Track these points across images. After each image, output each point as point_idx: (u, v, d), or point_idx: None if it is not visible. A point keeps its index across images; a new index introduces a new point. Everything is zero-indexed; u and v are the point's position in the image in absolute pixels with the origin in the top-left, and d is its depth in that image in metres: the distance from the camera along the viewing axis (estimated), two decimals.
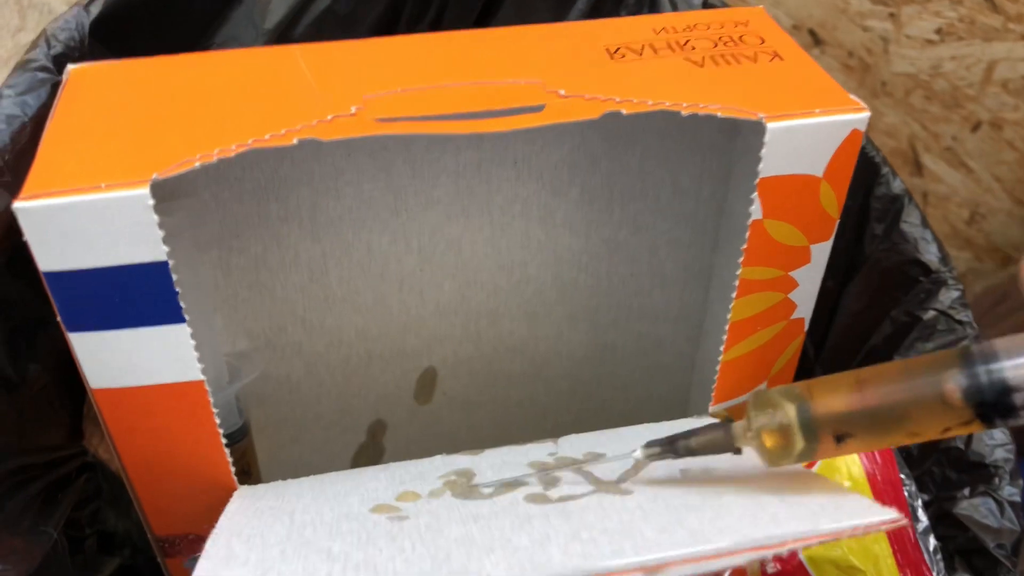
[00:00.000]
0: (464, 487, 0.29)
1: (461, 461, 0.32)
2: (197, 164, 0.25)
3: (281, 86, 0.29)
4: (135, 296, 0.26)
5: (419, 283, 0.38)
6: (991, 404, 0.23)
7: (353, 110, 0.28)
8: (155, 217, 0.25)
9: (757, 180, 0.28)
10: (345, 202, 0.35)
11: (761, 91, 0.29)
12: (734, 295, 0.31)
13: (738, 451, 0.26)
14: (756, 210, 0.29)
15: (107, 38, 0.34)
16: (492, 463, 0.31)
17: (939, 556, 0.39)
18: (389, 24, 0.42)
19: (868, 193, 0.45)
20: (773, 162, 0.28)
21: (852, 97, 0.28)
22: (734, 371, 0.33)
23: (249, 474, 0.40)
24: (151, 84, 0.29)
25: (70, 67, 0.30)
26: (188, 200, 0.33)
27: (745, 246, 0.30)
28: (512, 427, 0.44)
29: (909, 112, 0.69)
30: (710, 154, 0.36)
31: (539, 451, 0.32)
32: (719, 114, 0.28)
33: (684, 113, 0.28)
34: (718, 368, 0.33)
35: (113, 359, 0.27)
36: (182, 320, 0.27)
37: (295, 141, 0.26)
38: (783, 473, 0.27)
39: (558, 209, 0.37)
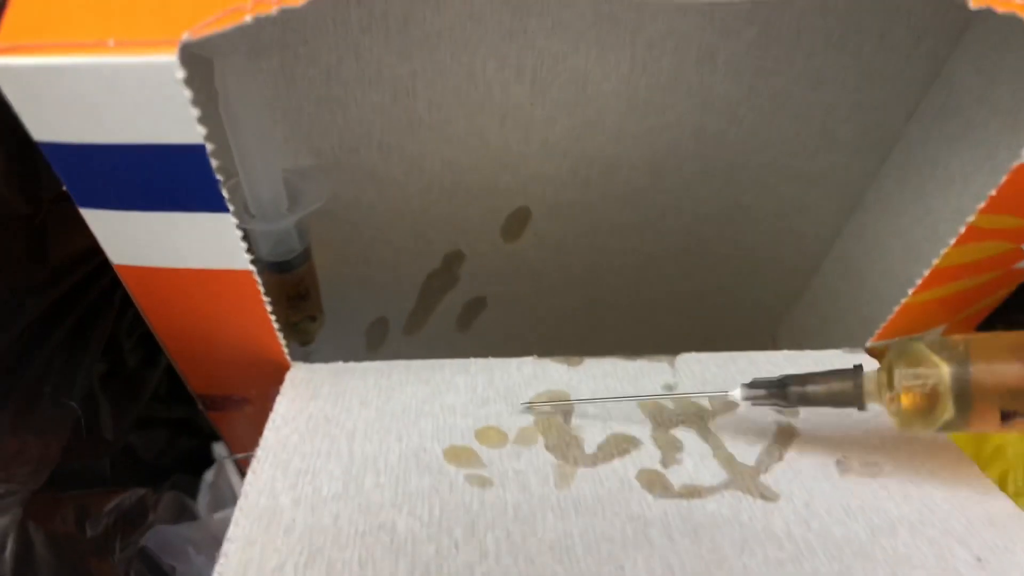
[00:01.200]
0: (560, 431, 0.23)
1: (555, 375, 0.26)
2: (248, 18, 0.17)
3: None
4: (164, 179, 0.20)
5: (526, 119, 0.30)
6: None
7: None
8: (186, 92, 0.17)
9: None
10: (446, 16, 0.26)
11: None
12: (952, 240, 0.23)
13: (864, 407, 0.21)
14: None
15: None
16: (595, 390, 0.26)
17: None
18: None
19: None
20: None
21: None
22: (915, 312, 0.26)
23: (307, 298, 0.35)
24: None
25: None
26: None
27: (995, 191, 0.21)
28: (609, 274, 0.38)
29: None
30: (942, 3, 0.26)
31: (652, 377, 0.26)
32: (971, 3, 0.18)
33: (972, 5, 0.18)
34: (895, 309, 0.26)
35: (138, 239, 0.21)
36: (224, 209, 0.20)
37: None
38: (973, 496, 0.21)
39: (722, 51, 0.28)
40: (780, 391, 0.21)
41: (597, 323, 0.42)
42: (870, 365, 0.26)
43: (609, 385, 0.26)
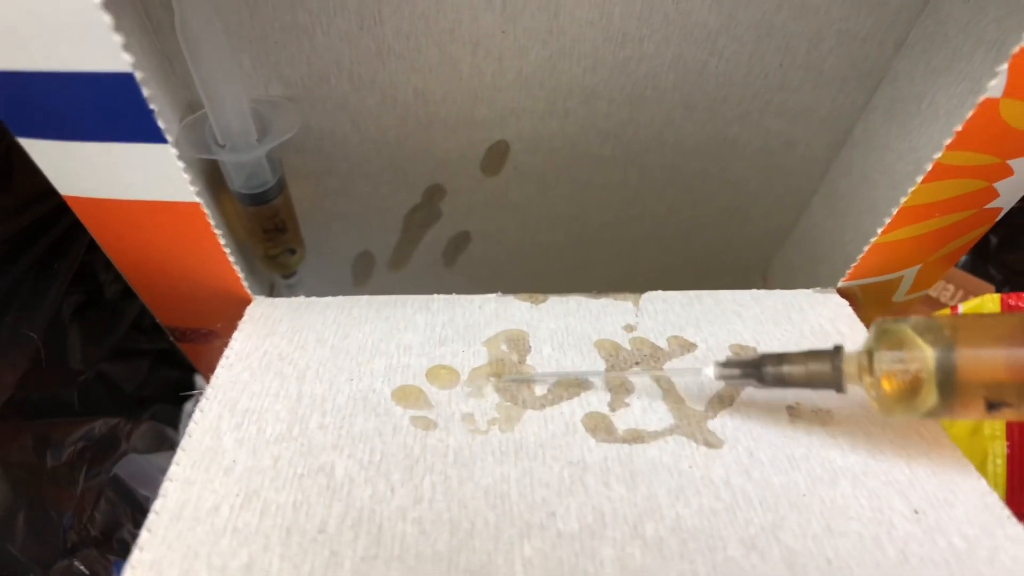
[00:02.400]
0: (512, 372, 0.23)
1: (517, 314, 0.26)
2: None
3: None
4: (96, 108, 0.19)
5: (498, 47, 0.29)
6: None
7: None
8: (107, 18, 0.17)
9: (1016, 48, 0.18)
10: None
11: None
12: (918, 178, 0.22)
13: (843, 389, 0.20)
14: (996, 86, 0.19)
15: None
16: (554, 329, 0.25)
17: None
18: None
19: None
20: None
21: None
22: (886, 251, 0.26)
23: (284, 230, 0.34)
24: None
25: None
26: None
27: (960, 127, 0.20)
28: (593, 209, 0.37)
29: None
30: None
31: (614, 317, 0.26)
32: None
33: None
34: (864, 248, 0.25)
35: (80, 169, 0.21)
36: (161, 140, 0.20)
37: None
38: (922, 447, 0.21)
39: None
40: (755, 371, 0.20)
41: (584, 259, 0.41)
42: (853, 331, 0.25)
43: (570, 324, 0.25)
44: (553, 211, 0.38)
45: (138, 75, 0.18)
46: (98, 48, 0.17)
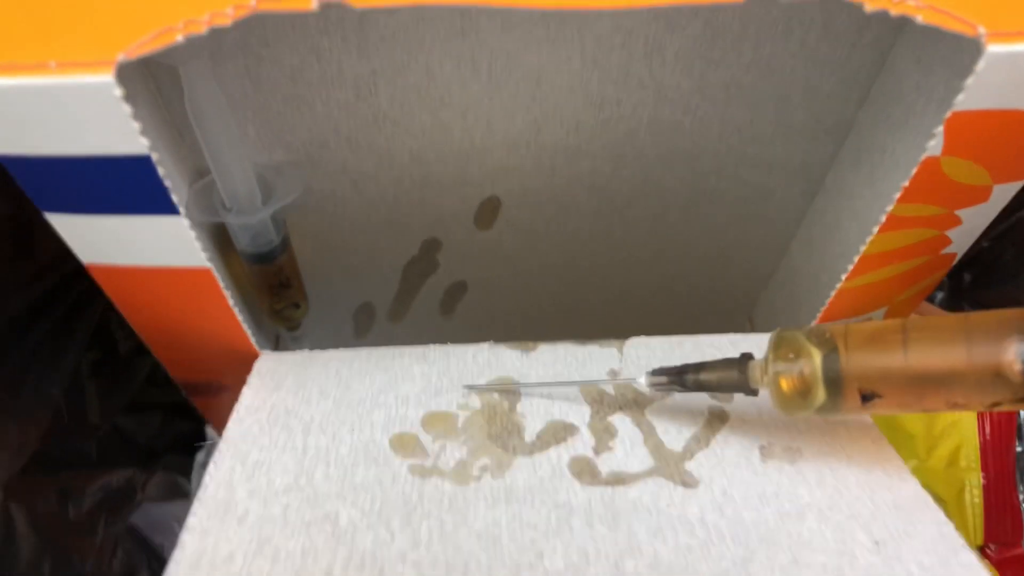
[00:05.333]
0: (504, 418, 0.25)
1: (509, 362, 0.28)
2: (180, 38, 0.19)
3: None
4: (116, 186, 0.21)
5: (486, 112, 0.31)
6: None
7: None
8: (126, 108, 0.19)
9: (949, 113, 0.20)
10: (401, 18, 0.27)
11: None
12: (875, 229, 0.24)
13: (754, 392, 0.22)
14: (936, 146, 0.21)
15: None
16: (542, 375, 0.27)
17: None
18: None
19: None
20: (980, 94, 0.20)
21: None
22: (853, 296, 0.27)
23: (289, 286, 0.36)
24: None
25: None
26: None
27: (907, 183, 0.22)
28: (583, 259, 0.39)
29: None
30: None
31: (600, 362, 0.27)
32: (919, 18, 0.19)
33: (868, 7, 0.19)
34: (831, 293, 0.27)
35: (101, 240, 0.23)
36: (175, 212, 0.22)
37: (315, 5, 0.19)
38: (886, 483, 0.22)
39: (670, 44, 0.29)
40: (679, 378, 0.23)
41: (576, 304, 0.43)
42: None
43: (557, 371, 0.27)
44: (545, 260, 0.39)
45: (154, 156, 0.20)
46: (118, 134, 0.19)
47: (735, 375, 0.22)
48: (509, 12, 0.28)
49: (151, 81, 0.27)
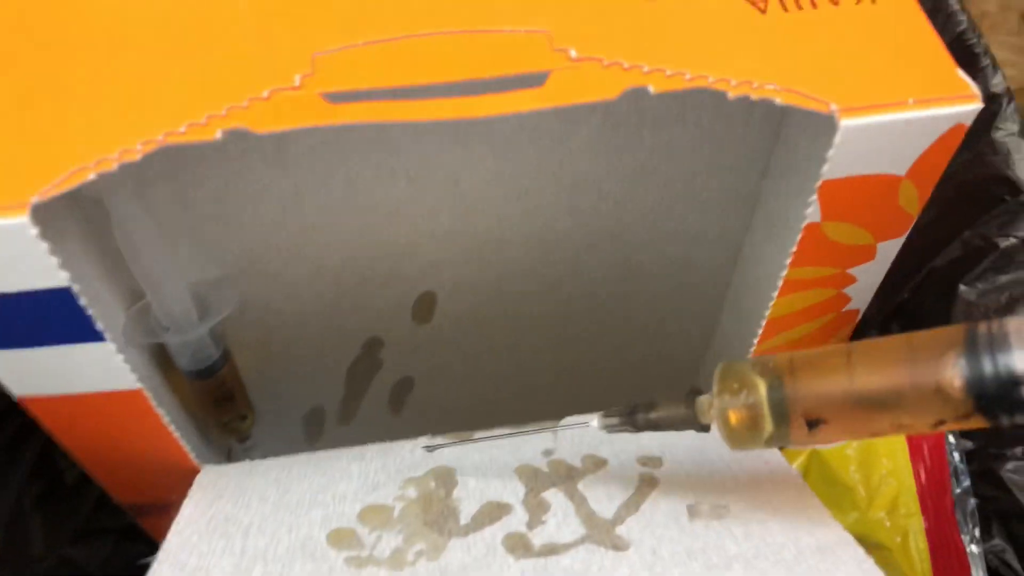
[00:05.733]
0: (440, 504, 0.25)
1: (445, 451, 0.28)
2: (92, 176, 0.20)
3: (207, 34, 0.22)
4: (41, 319, 0.22)
5: (411, 213, 0.33)
6: (995, 398, 0.18)
7: (297, 80, 0.21)
8: (43, 244, 0.20)
9: (819, 183, 0.22)
10: (317, 134, 0.29)
11: (839, 58, 0.21)
12: (775, 294, 0.25)
13: (705, 428, 0.23)
14: (813, 213, 0.23)
15: None
16: (478, 461, 0.28)
17: (975, 519, 0.36)
18: None
19: None
20: (842, 162, 0.22)
21: (962, 77, 0.21)
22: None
23: (232, 398, 0.37)
24: (34, 35, 0.22)
25: None
26: None
27: (795, 248, 0.24)
28: (524, 343, 0.40)
29: None
30: None
31: (535, 444, 0.28)
32: (777, 100, 0.21)
33: (731, 95, 0.21)
34: (751, 350, 0.28)
35: (32, 372, 0.24)
36: (101, 339, 0.23)
37: (219, 135, 0.21)
38: (809, 528, 0.23)
39: (574, 136, 0.31)
40: (630, 419, 0.24)
41: (525, 384, 0.44)
42: None
43: (493, 455, 0.28)
44: (488, 347, 0.40)
45: (75, 287, 0.21)
46: (38, 270, 0.20)
47: (683, 411, 0.23)
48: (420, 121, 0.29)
49: (78, 211, 0.28)
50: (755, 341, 0.28)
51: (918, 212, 0.24)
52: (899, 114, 0.21)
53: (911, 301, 0.42)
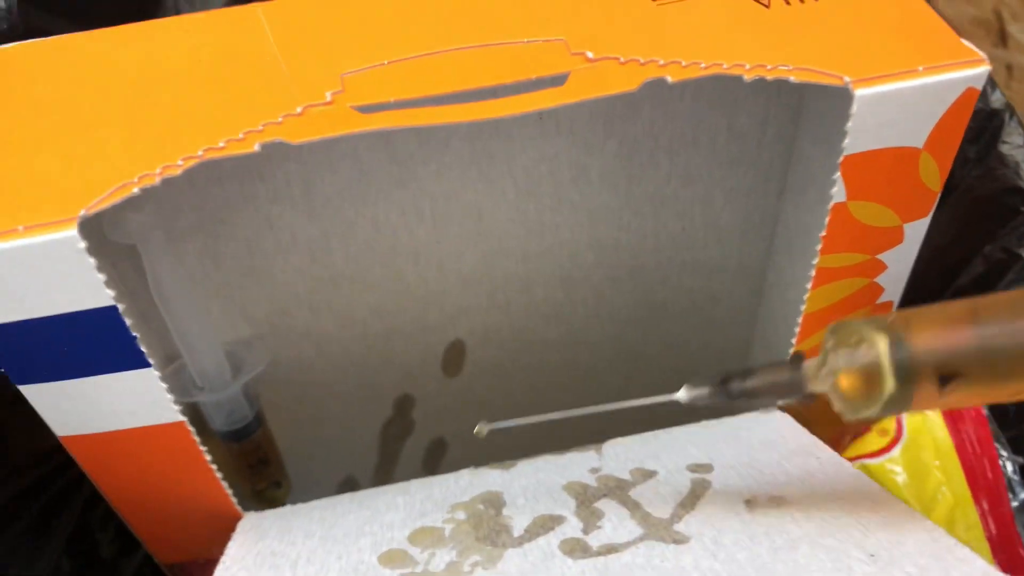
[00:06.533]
0: (491, 522, 0.25)
1: (490, 479, 0.28)
2: (136, 190, 0.20)
3: (241, 63, 0.23)
4: (86, 344, 0.22)
5: (436, 255, 0.33)
6: None
7: (329, 96, 0.22)
8: (91, 260, 0.20)
9: (841, 158, 0.22)
10: (342, 176, 0.30)
11: (846, 39, 0.22)
12: (809, 285, 0.26)
13: (811, 397, 0.21)
14: (839, 192, 0.23)
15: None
16: (525, 484, 0.27)
17: None
18: None
19: None
20: (861, 136, 0.22)
21: (966, 44, 0.22)
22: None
23: (268, 463, 0.36)
24: (83, 71, 0.24)
25: None
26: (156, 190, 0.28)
27: (824, 232, 0.24)
28: (552, 391, 0.40)
29: None
30: (775, 91, 0.30)
31: (580, 465, 0.28)
32: (792, 78, 0.21)
33: (747, 78, 0.22)
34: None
35: (75, 407, 0.24)
36: (146, 365, 0.23)
37: (257, 147, 0.21)
38: (871, 506, 0.22)
39: (592, 165, 0.32)
40: (723, 388, 0.22)
41: (556, 446, 0.43)
42: (796, 435, 0.28)
43: (540, 478, 0.27)
44: (516, 402, 0.40)
45: (120, 307, 0.21)
46: (85, 288, 0.21)
47: (786, 376, 0.21)
48: (442, 157, 0.30)
49: (113, 270, 0.29)
50: (793, 341, 0.27)
51: (940, 188, 0.24)
52: (911, 81, 0.21)
53: None
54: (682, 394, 0.23)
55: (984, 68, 0.21)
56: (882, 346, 0.19)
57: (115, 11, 0.26)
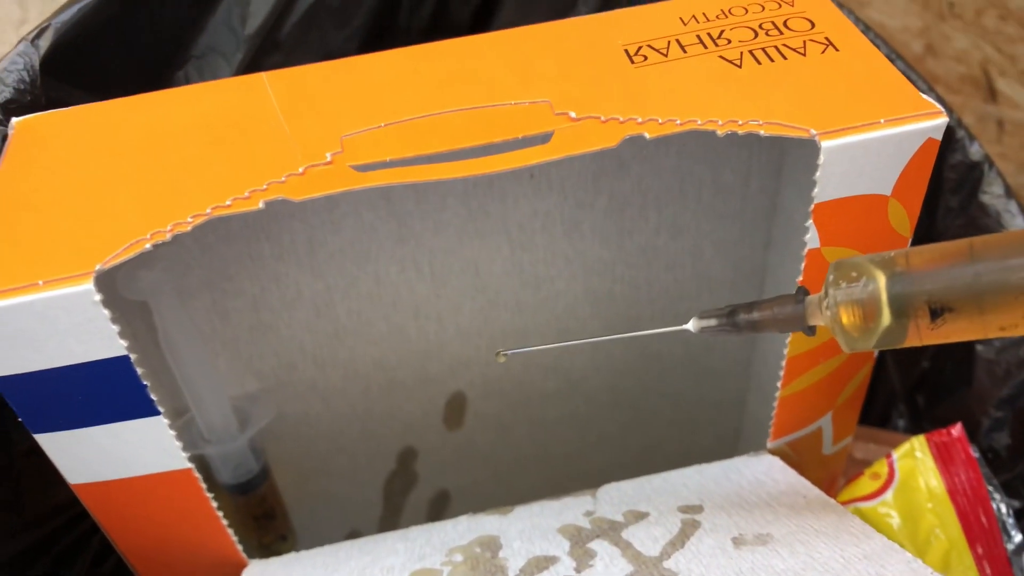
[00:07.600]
0: (487, 564, 0.26)
1: (488, 524, 0.29)
2: (148, 246, 0.22)
3: (246, 128, 0.25)
4: (99, 393, 0.23)
5: (436, 309, 0.34)
6: None
7: (329, 157, 0.24)
8: (105, 312, 0.22)
9: (812, 206, 0.24)
10: (344, 235, 0.31)
11: (813, 95, 0.24)
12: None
13: (811, 330, 0.22)
14: (812, 238, 0.25)
15: (64, 70, 0.30)
16: (521, 528, 0.28)
17: None
18: (385, 12, 0.37)
19: (941, 161, 0.40)
20: (830, 184, 0.23)
21: (925, 97, 0.23)
22: (793, 405, 0.29)
23: (273, 516, 0.37)
24: (99, 137, 0.25)
25: (14, 121, 0.26)
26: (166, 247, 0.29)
27: (800, 278, 0.25)
28: (551, 443, 0.41)
29: (982, 34, 0.62)
30: (757, 146, 0.32)
31: (575, 509, 0.28)
32: (762, 132, 0.23)
33: (720, 133, 0.23)
34: (775, 405, 0.29)
35: (88, 455, 0.25)
36: (156, 412, 0.24)
37: (261, 204, 0.23)
38: (853, 540, 0.23)
39: (584, 220, 0.33)
40: (730, 319, 0.23)
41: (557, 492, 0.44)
42: (786, 477, 0.28)
43: (535, 522, 0.28)
44: (518, 454, 0.41)
45: (133, 357, 0.23)
46: (99, 338, 0.22)
47: (790, 309, 0.22)
48: (439, 215, 0.32)
49: (126, 324, 0.30)
50: (778, 386, 0.28)
51: (910, 234, 0.26)
52: (875, 133, 0.23)
53: (932, 370, 0.43)
54: (692, 324, 0.24)
55: (942, 120, 0.23)
56: (881, 280, 0.20)
57: (130, 83, 0.28)
